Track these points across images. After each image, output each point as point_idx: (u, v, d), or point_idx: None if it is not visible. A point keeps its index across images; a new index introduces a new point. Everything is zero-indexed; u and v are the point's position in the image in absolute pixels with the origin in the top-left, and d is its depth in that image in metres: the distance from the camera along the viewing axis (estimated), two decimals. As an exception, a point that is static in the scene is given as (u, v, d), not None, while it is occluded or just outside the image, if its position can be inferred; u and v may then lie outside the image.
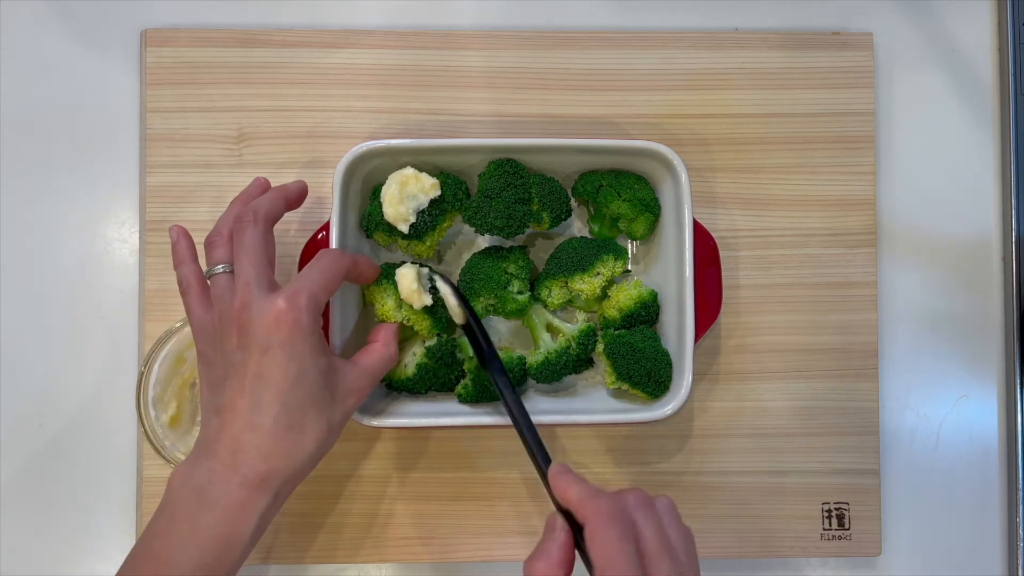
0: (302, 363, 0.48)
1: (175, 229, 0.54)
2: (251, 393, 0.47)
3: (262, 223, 0.52)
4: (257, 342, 0.48)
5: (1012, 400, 0.65)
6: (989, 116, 0.66)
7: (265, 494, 0.47)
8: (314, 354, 0.48)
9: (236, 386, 0.48)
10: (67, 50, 0.64)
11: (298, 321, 0.48)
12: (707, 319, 0.58)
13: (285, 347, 0.47)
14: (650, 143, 0.57)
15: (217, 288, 0.51)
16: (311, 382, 0.48)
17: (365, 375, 0.53)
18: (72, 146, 0.64)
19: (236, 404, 0.47)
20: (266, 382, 0.47)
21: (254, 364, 0.47)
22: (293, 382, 0.47)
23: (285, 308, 0.48)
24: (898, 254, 0.65)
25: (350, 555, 0.62)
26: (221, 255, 0.51)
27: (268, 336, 0.47)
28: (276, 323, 0.47)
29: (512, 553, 0.62)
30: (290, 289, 0.49)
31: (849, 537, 0.62)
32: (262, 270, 0.50)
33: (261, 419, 0.47)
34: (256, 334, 0.48)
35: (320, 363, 0.49)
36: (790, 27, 0.66)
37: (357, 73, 0.63)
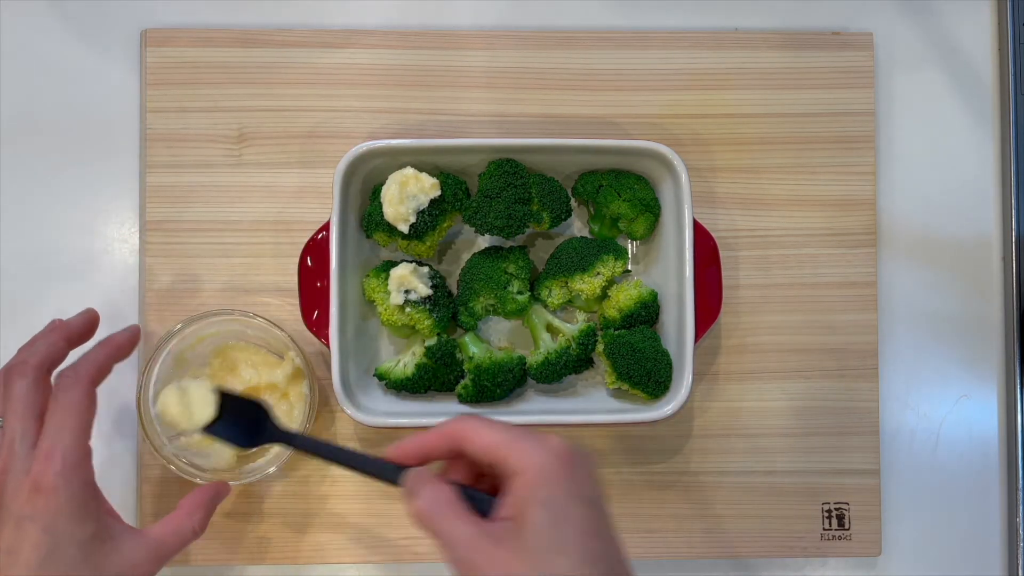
0: (57, 537, 0.44)
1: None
2: (5, 569, 0.44)
3: (31, 373, 0.47)
4: (13, 513, 0.44)
5: (1012, 400, 0.65)
6: (989, 116, 0.66)
7: None
8: (74, 522, 0.44)
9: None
10: (67, 50, 0.64)
11: (55, 488, 0.44)
12: (707, 319, 0.58)
13: (38, 519, 0.44)
14: (650, 143, 0.57)
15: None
16: (67, 558, 0.44)
17: (151, 549, 0.48)
18: (72, 146, 0.64)
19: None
20: (15, 558, 0.43)
21: (7, 538, 0.44)
22: (43, 559, 0.43)
23: (41, 474, 0.44)
24: (898, 254, 0.65)
25: (350, 555, 0.62)
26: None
27: (23, 507, 0.44)
28: (32, 492, 0.44)
29: (512, 553, 0.62)
30: (44, 449, 0.45)
31: (849, 537, 0.62)
32: (28, 427, 0.46)
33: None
34: (12, 504, 0.44)
35: (82, 533, 0.45)
36: (790, 27, 0.66)
37: (357, 73, 0.63)
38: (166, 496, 0.61)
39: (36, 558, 0.43)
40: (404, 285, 0.56)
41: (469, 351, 0.58)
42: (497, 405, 0.58)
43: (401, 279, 0.56)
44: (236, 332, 0.60)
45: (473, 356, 0.58)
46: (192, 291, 0.62)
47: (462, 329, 0.60)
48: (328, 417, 0.62)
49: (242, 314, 0.59)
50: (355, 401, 0.56)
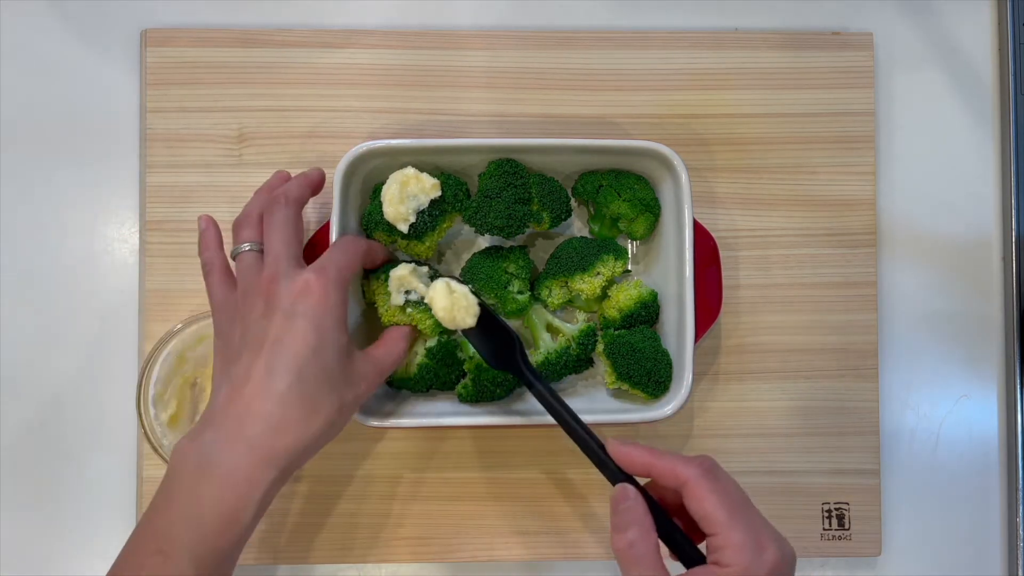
0: (323, 335, 0.47)
1: (204, 218, 0.54)
2: (268, 357, 0.47)
3: (293, 205, 0.52)
4: (282, 308, 0.48)
5: (1012, 400, 0.65)
6: (989, 116, 0.66)
7: (271, 468, 0.45)
8: (336, 329, 0.48)
9: (254, 351, 0.47)
10: (67, 50, 0.64)
11: (325, 291, 0.48)
12: (707, 319, 0.58)
13: (309, 316, 0.47)
14: (650, 143, 0.57)
15: (244, 264, 0.51)
16: (329, 357, 0.48)
17: (376, 366, 0.52)
18: (72, 146, 0.64)
19: (250, 370, 0.47)
20: (285, 347, 0.47)
21: (275, 329, 0.47)
22: (312, 352, 0.47)
23: (313, 279, 0.48)
24: (898, 254, 0.65)
25: (350, 555, 0.62)
26: (248, 235, 0.52)
27: (294, 304, 0.48)
28: (303, 292, 0.48)
29: (512, 553, 0.62)
30: (318, 264, 0.50)
31: (849, 537, 0.62)
32: (292, 248, 0.50)
33: (274, 384, 0.46)
34: (282, 301, 0.48)
35: (340, 340, 0.49)
36: (790, 27, 0.66)
37: (357, 73, 0.63)
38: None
39: (306, 349, 0.47)
40: (404, 286, 0.56)
41: (469, 351, 0.58)
42: (497, 405, 0.58)
43: (401, 280, 0.56)
44: (236, 332, 0.60)
45: (473, 356, 0.58)
46: (192, 291, 0.62)
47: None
48: (328, 417, 0.62)
49: (242, 314, 0.59)
50: (355, 401, 0.56)
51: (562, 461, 0.62)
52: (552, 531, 0.62)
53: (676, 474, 0.45)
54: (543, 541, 0.62)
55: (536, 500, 0.62)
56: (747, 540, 0.43)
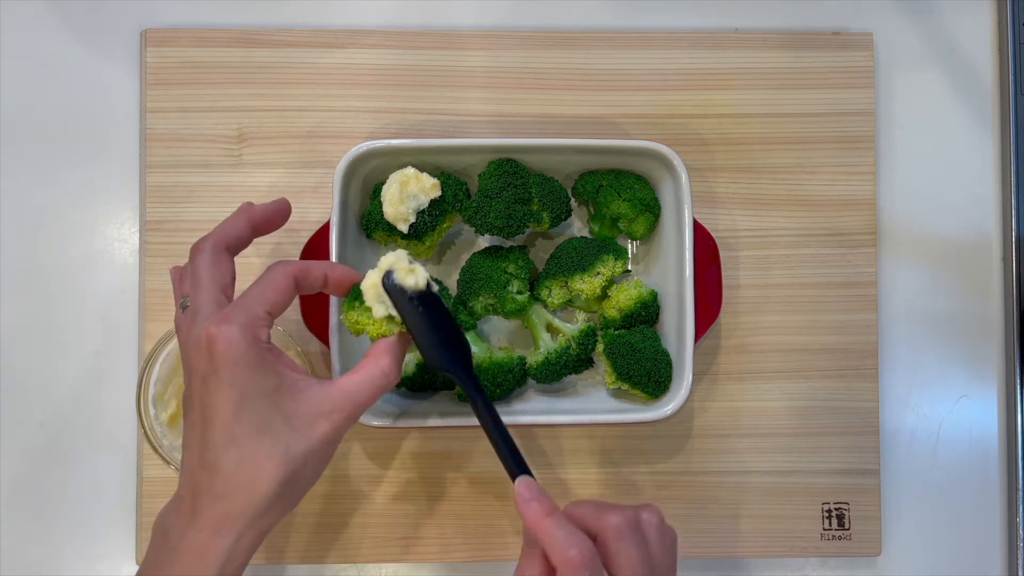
0: (243, 389, 0.44)
1: (173, 271, 0.52)
2: (200, 428, 0.45)
3: (210, 249, 0.49)
4: (197, 371, 0.45)
5: (1012, 400, 0.65)
6: (989, 116, 0.66)
7: (225, 537, 0.43)
8: (256, 376, 0.45)
9: (189, 423, 0.46)
10: (67, 50, 0.64)
11: (229, 341, 0.44)
12: (707, 319, 0.58)
13: (220, 373, 0.44)
14: (650, 143, 0.57)
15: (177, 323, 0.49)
16: (257, 408, 0.44)
17: (342, 398, 0.47)
18: (72, 146, 0.64)
19: (190, 442, 0.46)
20: (211, 413, 0.44)
21: (198, 396, 0.45)
22: (235, 410, 0.44)
23: (215, 331, 0.44)
24: (898, 254, 0.65)
25: (350, 555, 0.62)
26: (185, 288, 0.50)
27: (204, 363, 0.45)
28: (208, 347, 0.44)
29: (512, 553, 0.62)
30: (224, 311, 0.46)
31: (849, 537, 0.62)
32: (209, 297, 0.47)
33: (210, 456, 0.44)
34: (195, 363, 0.45)
35: (267, 384, 0.45)
36: (790, 27, 0.66)
37: (357, 73, 0.63)
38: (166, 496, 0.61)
39: (230, 409, 0.44)
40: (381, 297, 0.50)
41: (469, 351, 0.58)
42: (497, 405, 0.58)
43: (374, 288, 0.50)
44: (236, 332, 0.60)
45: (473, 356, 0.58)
46: (192, 291, 0.62)
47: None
48: (328, 417, 0.62)
49: (242, 314, 0.59)
50: (355, 401, 0.56)
51: (562, 461, 0.62)
52: (552, 531, 0.62)
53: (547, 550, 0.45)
54: (543, 541, 0.62)
55: (536, 500, 0.62)
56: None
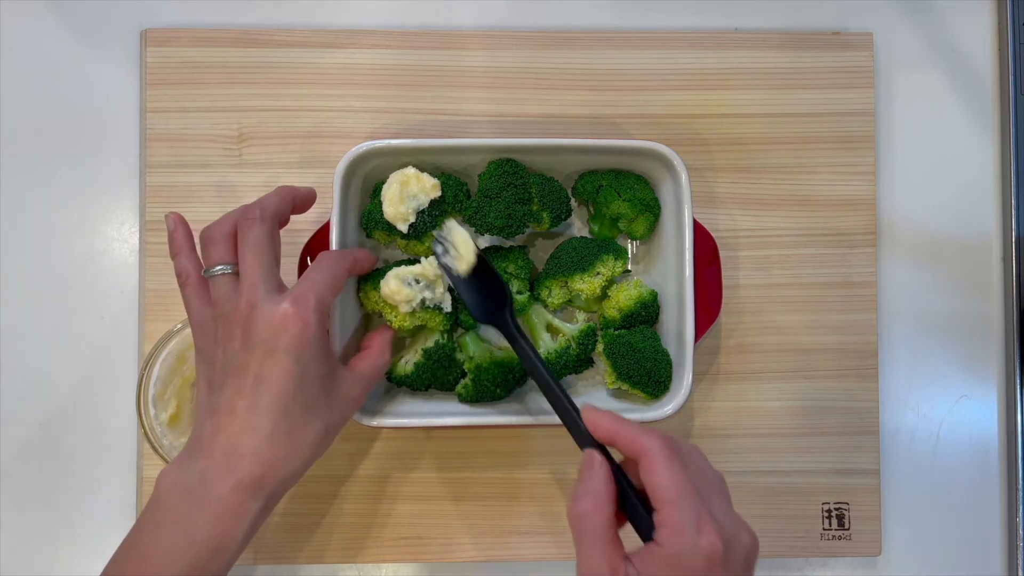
0: (305, 368, 0.47)
1: (172, 217, 0.52)
2: (251, 395, 0.46)
3: (269, 221, 0.50)
4: (262, 343, 0.47)
5: (1012, 400, 0.65)
6: (989, 116, 0.66)
7: (258, 498, 0.46)
8: (318, 359, 0.48)
9: (236, 386, 0.47)
10: (67, 50, 0.64)
11: (306, 324, 0.47)
12: (707, 319, 0.58)
13: (290, 351, 0.46)
14: (650, 143, 0.57)
15: (219, 289, 0.49)
16: (312, 388, 0.48)
17: (362, 382, 0.52)
18: (72, 146, 0.64)
19: (234, 405, 0.46)
20: (268, 385, 0.46)
21: (256, 365, 0.46)
22: (295, 387, 0.47)
23: (292, 311, 0.47)
24: (898, 254, 0.65)
25: (349, 555, 0.62)
26: (220, 255, 0.50)
27: (274, 338, 0.46)
28: (283, 325, 0.46)
29: (511, 553, 0.62)
30: (296, 292, 0.48)
31: (849, 537, 0.62)
32: (268, 270, 0.49)
33: (260, 422, 0.46)
34: (262, 335, 0.47)
35: (322, 368, 0.48)
36: (790, 27, 0.66)
37: (357, 73, 0.63)
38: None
39: (289, 385, 0.46)
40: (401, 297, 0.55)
41: (469, 351, 0.58)
42: (497, 405, 0.58)
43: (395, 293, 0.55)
44: (236, 332, 0.60)
45: (473, 356, 0.58)
46: (192, 291, 0.62)
47: (462, 329, 0.60)
48: (328, 417, 0.62)
49: (242, 314, 0.59)
50: (355, 401, 0.56)
51: (563, 461, 0.62)
52: (552, 531, 0.62)
53: (636, 444, 0.44)
54: (543, 541, 0.62)
55: (536, 500, 0.62)
56: (687, 522, 0.41)
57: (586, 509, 0.43)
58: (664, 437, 0.44)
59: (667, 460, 0.43)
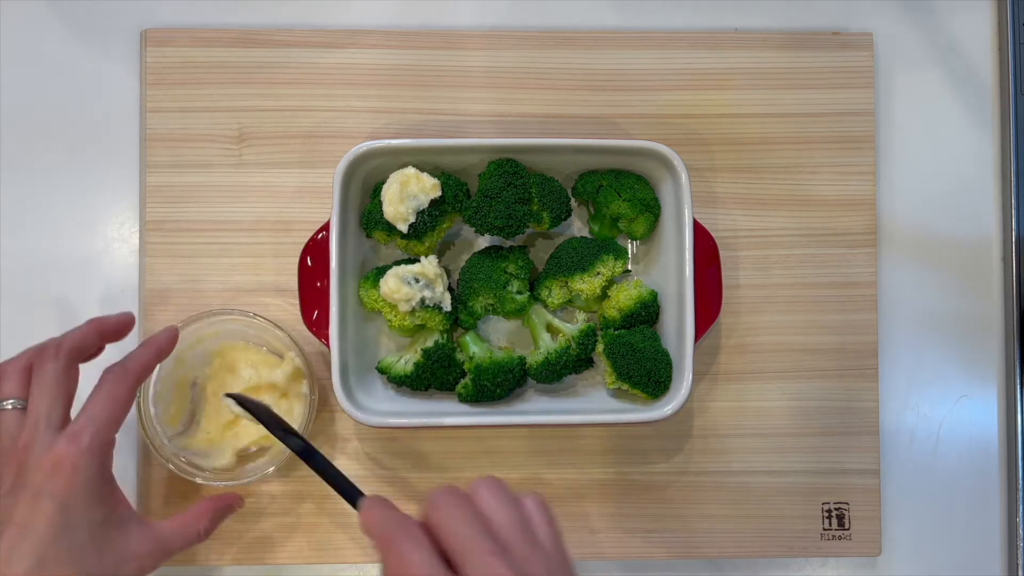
0: (70, 515, 0.44)
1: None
2: (9, 542, 0.44)
3: (64, 358, 0.49)
4: (30, 488, 0.45)
5: (1012, 400, 0.65)
6: (989, 116, 0.66)
7: None
8: (88, 505, 0.45)
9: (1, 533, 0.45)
10: (67, 50, 0.64)
11: (76, 467, 0.45)
12: (707, 319, 0.58)
13: (56, 496, 0.44)
14: (650, 143, 0.57)
15: (6, 425, 0.47)
16: (77, 538, 0.45)
17: (156, 543, 0.49)
18: (72, 146, 0.64)
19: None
20: (27, 532, 0.44)
21: (20, 511, 0.44)
22: (55, 535, 0.44)
23: (64, 452, 0.45)
24: (898, 254, 0.65)
25: (350, 555, 0.62)
26: (11, 389, 0.48)
27: (42, 483, 0.45)
28: (53, 469, 0.45)
29: (512, 553, 0.62)
30: (73, 429, 0.46)
31: (849, 537, 0.62)
32: (53, 407, 0.47)
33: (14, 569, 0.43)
34: (31, 479, 0.45)
35: (93, 516, 0.46)
36: (790, 27, 0.66)
37: (357, 73, 0.63)
38: (166, 496, 0.61)
39: (49, 534, 0.44)
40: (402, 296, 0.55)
41: (469, 351, 0.58)
42: (497, 405, 0.58)
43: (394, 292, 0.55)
44: (236, 332, 0.60)
45: (473, 356, 0.58)
46: (192, 291, 0.62)
47: (462, 329, 0.60)
48: (328, 417, 0.62)
49: (242, 314, 0.59)
50: (355, 401, 0.56)
51: (562, 461, 0.62)
52: (552, 531, 0.62)
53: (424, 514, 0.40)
54: (543, 541, 0.62)
55: (536, 500, 0.62)
56: None
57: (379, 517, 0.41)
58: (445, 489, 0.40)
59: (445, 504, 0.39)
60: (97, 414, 0.47)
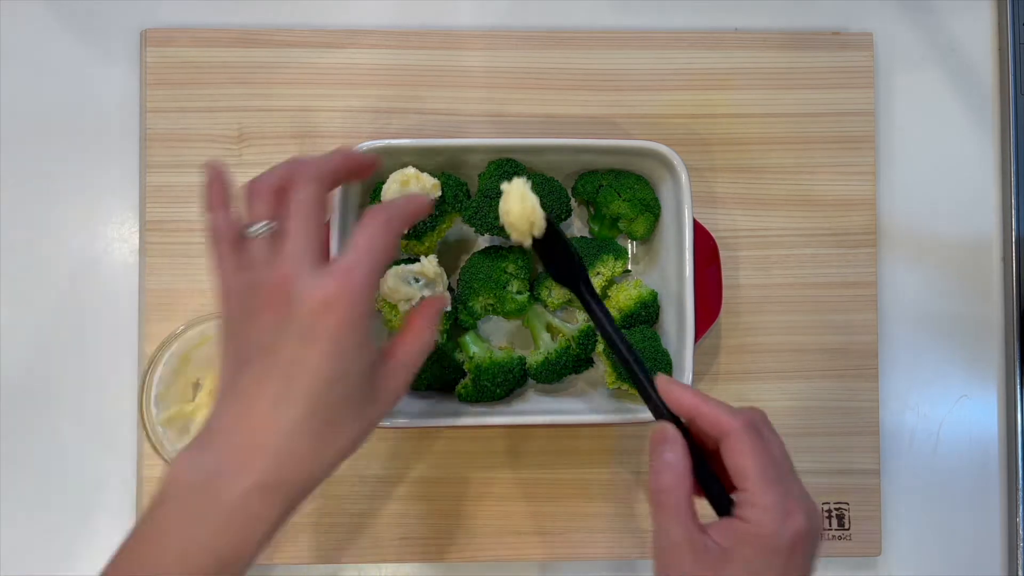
0: (345, 361, 0.40)
1: (211, 167, 0.45)
2: (280, 384, 0.40)
3: (322, 183, 0.43)
4: (298, 326, 0.40)
5: (1012, 400, 0.65)
6: (989, 116, 0.66)
7: (278, 503, 0.40)
8: (361, 349, 0.41)
9: (262, 372, 0.40)
10: (67, 50, 0.64)
11: (351, 306, 0.40)
12: (707, 319, 0.58)
13: (331, 338, 0.40)
14: (650, 143, 0.57)
15: (257, 251, 0.42)
16: (351, 382, 0.41)
17: (402, 371, 0.45)
18: (72, 146, 0.64)
19: (260, 392, 0.40)
20: (300, 375, 0.40)
21: (289, 351, 0.40)
22: (331, 380, 0.40)
23: (337, 290, 0.40)
24: (898, 254, 0.65)
25: (349, 555, 0.62)
26: (263, 212, 0.43)
27: (314, 320, 0.40)
28: (325, 306, 0.40)
29: (511, 552, 0.62)
30: (343, 265, 0.41)
31: (849, 537, 0.62)
32: (314, 237, 0.42)
33: (288, 415, 0.40)
34: (300, 315, 0.40)
35: (365, 359, 0.42)
36: (790, 27, 0.66)
37: (357, 73, 0.63)
38: (166, 496, 0.61)
39: (323, 378, 0.40)
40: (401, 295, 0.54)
41: (469, 351, 0.58)
42: (497, 405, 0.58)
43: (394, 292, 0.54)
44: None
45: (473, 356, 0.58)
46: (192, 291, 0.62)
47: (462, 329, 0.60)
48: (328, 417, 0.62)
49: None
50: (355, 401, 0.56)
51: (562, 461, 0.62)
52: (552, 531, 0.62)
53: (719, 423, 0.43)
54: (543, 541, 0.62)
55: (536, 500, 0.62)
56: (776, 503, 0.42)
57: (667, 483, 0.43)
58: (745, 418, 0.43)
59: (752, 443, 0.43)
60: (367, 251, 0.41)
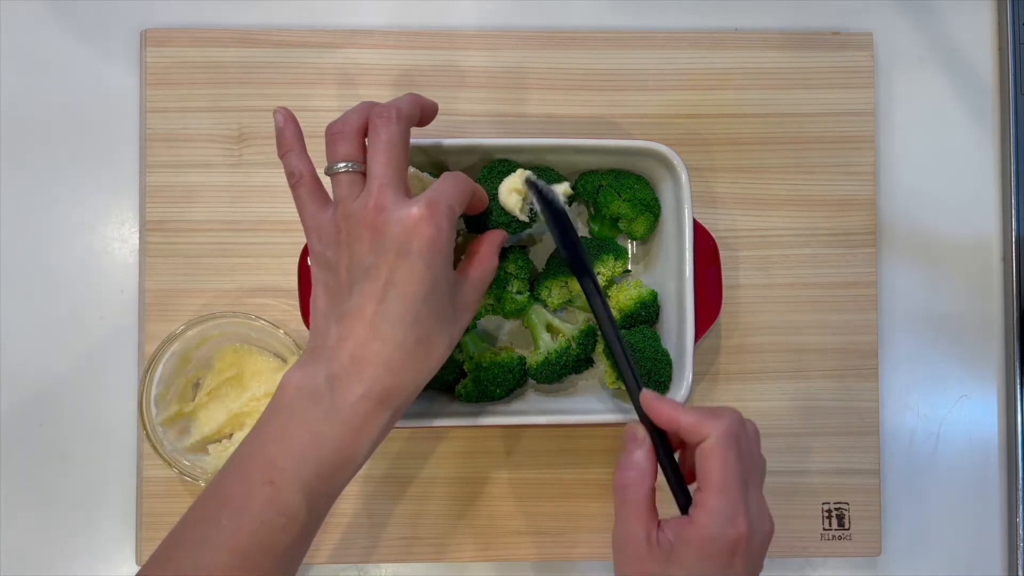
0: (436, 275, 0.45)
1: (281, 113, 0.49)
2: (382, 300, 0.45)
3: (404, 122, 0.48)
4: (394, 246, 0.45)
5: (1012, 400, 0.65)
6: (989, 116, 0.66)
7: (387, 409, 0.45)
8: (447, 266, 0.46)
9: (365, 291, 0.45)
10: (67, 50, 0.64)
11: (439, 228, 0.45)
12: (707, 319, 0.58)
13: (424, 255, 0.45)
14: (650, 143, 0.57)
15: (343, 187, 0.47)
16: (441, 295, 0.46)
17: (476, 290, 0.51)
18: (72, 146, 0.64)
19: (363, 311, 0.45)
20: (400, 290, 0.45)
21: (387, 269, 0.45)
22: (426, 293, 0.45)
23: (426, 214, 0.45)
24: (898, 254, 0.65)
25: (349, 555, 0.62)
26: (348, 152, 0.48)
27: (407, 241, 0.45)
28: (416, 229, 0.45)
29: (512, 552, 0.62)
30: (428, 196, 0.46)
31: (849, 537, 0.62)
32: (399, 173, 0.47)
33: (390, 330, 0.44)
34: (394, 238, 0.45)
35: (451, 275, 0.47)
36: (790, 27, 0.66)
37: (357, 73, 0.63)
38: (166, 496, 0.61)
39: (421, 292, 0.45)
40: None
41: (469, 351, 0.58)
42: (497, 405, 0.58)
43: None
44: (239, 334, 0.60)
45: (473, 356, 0.58)
46: (192, 291, 0.62)
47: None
48: (328, 417, 0.62)
49: (244, 317, 0.59)
50: (355, 401, 0.56)
51: (561, 462, 0.62)
52: (552, 531, 0.62)
53: (697, 433, 0.46)
54: (544, 541, 0.62)
55: (536, 500, 0.62)
56: (722, 509, 0.44)
57: (631, 480, 0.47)
58: (723, 428, 0.46)
59: (723, 453, 0.45)
60: (447, 189, 0.47)
